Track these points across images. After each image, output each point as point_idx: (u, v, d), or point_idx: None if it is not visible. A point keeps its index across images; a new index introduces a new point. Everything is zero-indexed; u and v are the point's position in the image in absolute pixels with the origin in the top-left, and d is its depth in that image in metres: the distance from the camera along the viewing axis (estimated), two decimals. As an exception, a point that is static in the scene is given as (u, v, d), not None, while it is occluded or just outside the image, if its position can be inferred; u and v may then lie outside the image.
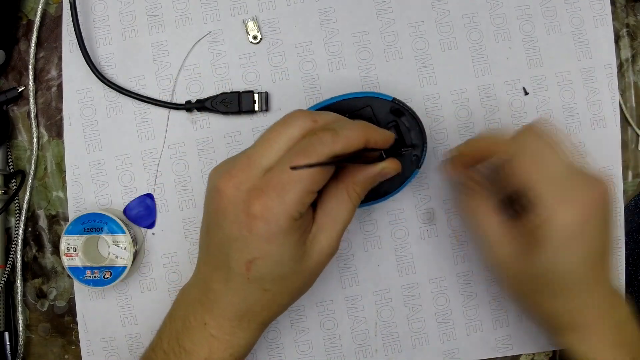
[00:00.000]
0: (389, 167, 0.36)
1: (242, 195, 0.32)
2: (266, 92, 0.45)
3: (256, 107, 0.45)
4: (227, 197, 0.33)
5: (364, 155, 0.35)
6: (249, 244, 0.33)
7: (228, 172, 0.33)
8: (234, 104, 0.44)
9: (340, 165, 0.35)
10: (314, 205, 0.35)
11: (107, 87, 0.45)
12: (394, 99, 0.41)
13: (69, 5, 0.45)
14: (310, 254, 0.35)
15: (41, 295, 0.47)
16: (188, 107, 0.45)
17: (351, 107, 0.41)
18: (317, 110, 0.40)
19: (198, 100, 0.45)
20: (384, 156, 0.37)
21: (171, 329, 0.37)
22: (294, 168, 0.30)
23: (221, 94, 0.45)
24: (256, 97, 0.45)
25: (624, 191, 0.46)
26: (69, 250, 0.43)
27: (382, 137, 0.35)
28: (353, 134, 0.33)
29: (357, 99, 0.41)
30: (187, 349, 0.35)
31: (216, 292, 0.35)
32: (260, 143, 0.34)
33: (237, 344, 0.36)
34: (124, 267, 0.43)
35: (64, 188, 0.46)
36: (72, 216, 0.45)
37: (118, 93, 0.45)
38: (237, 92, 0.45)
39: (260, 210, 0.32)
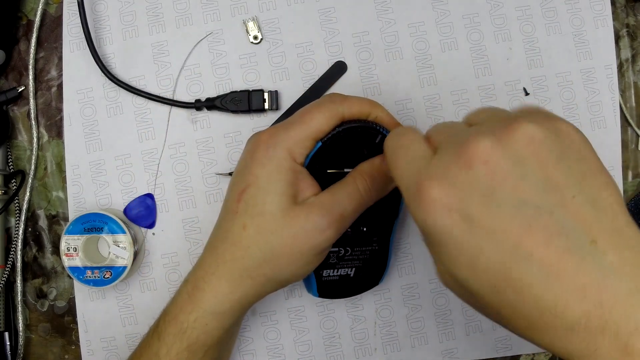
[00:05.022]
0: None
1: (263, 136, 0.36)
2: (276, 91, 0.45)
3: (266, 105, 0.45)
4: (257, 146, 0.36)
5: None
6: (246, 171, 0.35)
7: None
8: (243, 102, 0.44)
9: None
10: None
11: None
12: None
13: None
14: (297, 221, 0.34)
15: (41, 295, 0.47)
16: (197, 105, 0.45)
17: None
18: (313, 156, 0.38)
19: (208, 99, 0.45)
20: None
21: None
22: None
23: (230, 92, 0.45)
24: (266, 95, 0.45)
25: (624, 191, 0.46)
26: (69, 250, 0.43)
27: (386, 113, 0.37)
28: (359, 101, 0.37)
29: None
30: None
31: (206, 267, 0.37)
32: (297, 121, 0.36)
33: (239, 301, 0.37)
34: (124, 267, 0.43)
35: (64, 188, 0.46)
36: (72, 216, 0.45)
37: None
38: (247, 91, 0.45)
39: (266, 138, 0.35)
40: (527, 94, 0.45)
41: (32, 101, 0.46)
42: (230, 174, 0.45)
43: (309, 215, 0.34)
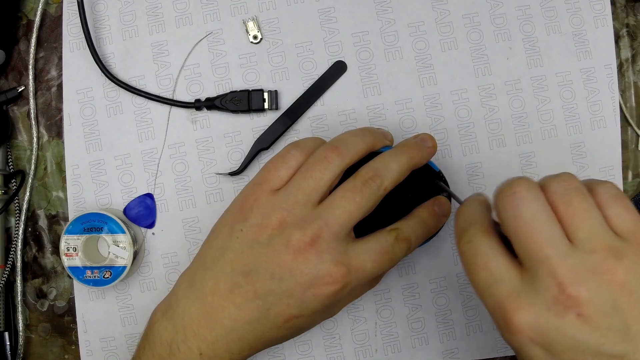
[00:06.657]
0: None
1: (323, 264, 0.33)
2: (276, 91, 0.45)
3: (266, 105, 0.45)
4: (304, 261, 0.33)
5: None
6: (305, 304, 0.33)
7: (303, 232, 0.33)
8: (243, 102, 0.44)
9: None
10: None
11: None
12: (440, 171, 0.40)
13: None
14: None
15: (41, 295, 0.47)
16: (197, 105, 0.45)
17: None
18: None
19: (207, 99, 0.45)
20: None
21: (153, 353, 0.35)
22: None
23: (230, 92, 0.45)
24: (266, 95, 0.45)
25: (624, 191, 0.46)
26: (69, 250, 0.43)
27: (382, 140, 0.38)
28: (353, 148, 0.36)
29: None
30: None
31: (226, 328, 0.34)
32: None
33: None
34: (124, 267, 0.43)
35: (64, 188, 0.46)
36: (72, 216, 0.45)
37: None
38: (247, 91, 0.45)
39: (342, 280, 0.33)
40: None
41: (32, 101, 0.46)
42: (230, 174, 0.45)
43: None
